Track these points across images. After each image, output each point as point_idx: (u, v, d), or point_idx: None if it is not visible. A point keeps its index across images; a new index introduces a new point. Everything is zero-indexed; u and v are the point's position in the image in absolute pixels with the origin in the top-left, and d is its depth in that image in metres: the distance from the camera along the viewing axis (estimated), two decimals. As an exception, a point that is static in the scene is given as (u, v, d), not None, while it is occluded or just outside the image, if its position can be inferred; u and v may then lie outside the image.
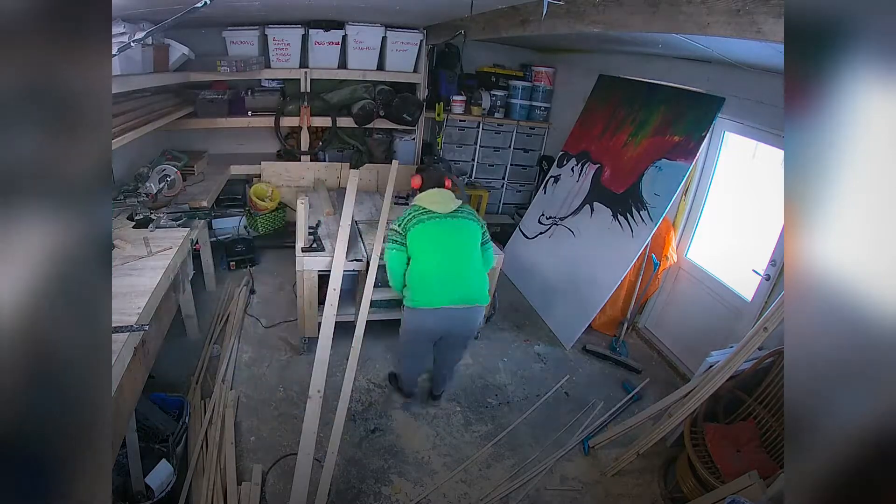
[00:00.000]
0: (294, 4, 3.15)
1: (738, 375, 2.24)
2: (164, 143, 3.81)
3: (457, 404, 2.83)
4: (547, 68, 4.64)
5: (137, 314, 1.79)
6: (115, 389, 1.54)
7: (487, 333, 3.50)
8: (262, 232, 4.04)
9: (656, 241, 3.27)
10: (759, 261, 2.75)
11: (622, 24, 1.92)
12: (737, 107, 2.87)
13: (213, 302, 3.51)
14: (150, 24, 2.64)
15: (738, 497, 1.73)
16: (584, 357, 3.37)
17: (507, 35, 2.86)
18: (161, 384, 2.48)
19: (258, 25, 3.74)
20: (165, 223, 2.62)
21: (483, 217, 4.70)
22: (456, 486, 2.33)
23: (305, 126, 4.14)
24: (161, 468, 1.99)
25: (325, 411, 2.40)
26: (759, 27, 1.38)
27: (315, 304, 2.93)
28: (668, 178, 3.15)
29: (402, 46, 4.02)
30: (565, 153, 4.21)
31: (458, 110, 4.56)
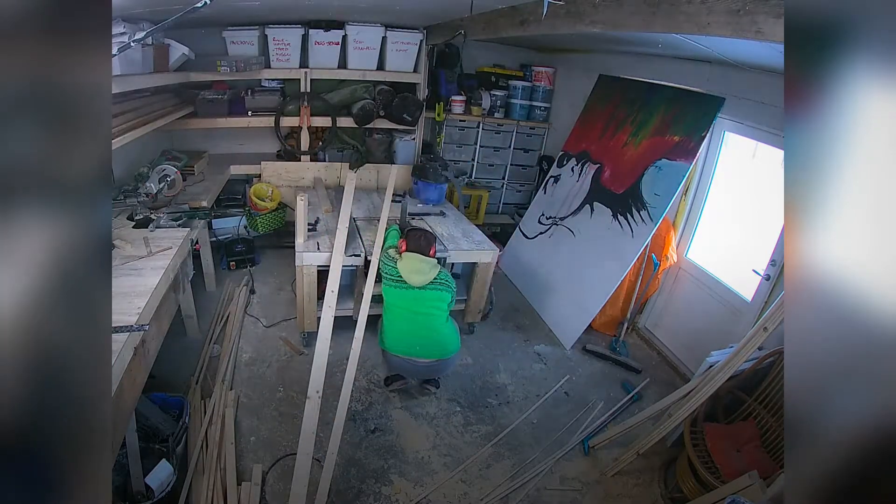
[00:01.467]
0: (294, 4, 3.15)
1: (738, 375, 2.24)
2: (164, 143, 3.81)
3: (457, 404, 2.83)
4: (547, 68, 4.63)
5: (137, 314, 1.79)
6: (115, 389, 1.54)
7: (487, 333, 3.50)
8: (262, 232, 4.04)
9: (656, 241, 3.27)
10: (759, 261, 2.75)
11: (622, 24, 1.91)
12: (737, 107, 2.87)
13: (213, 302, 3.51)
14: (150, 24, 2.63)
15: (738, 497, 1.73)
16: (584, 357, 3.37)
17: (506, 35, 2.86)
18: (161, 384, 2.48)
19: (258, 25, 3.74)
20: (165, 223, 2.62)
21: (483, 217, 4.77)
22: (456, 486, 2.33)
23: (305, 126, 4.14)
24: (161, 468, 1.99)
25: (325, 411, 2.41)
26: (759, 27, 1.38)
27: (314, 298, 2.95)
28: (668, 178, 3.15)
29: (402, 46, 4.02)
30: (565, 153, 4.21)
31: (458, 110, 4.56)
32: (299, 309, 2.99)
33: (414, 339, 2.54)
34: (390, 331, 2.58)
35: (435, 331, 2.56)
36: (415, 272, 2.51)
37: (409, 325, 2.55)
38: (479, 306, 3.33)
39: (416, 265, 2.53)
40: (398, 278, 2.53)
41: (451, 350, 2.60)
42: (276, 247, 4.30)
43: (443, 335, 2.58)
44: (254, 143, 4.45)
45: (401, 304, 2.55)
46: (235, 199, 4.29)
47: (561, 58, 4.65)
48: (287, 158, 4.30)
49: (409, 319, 2.55)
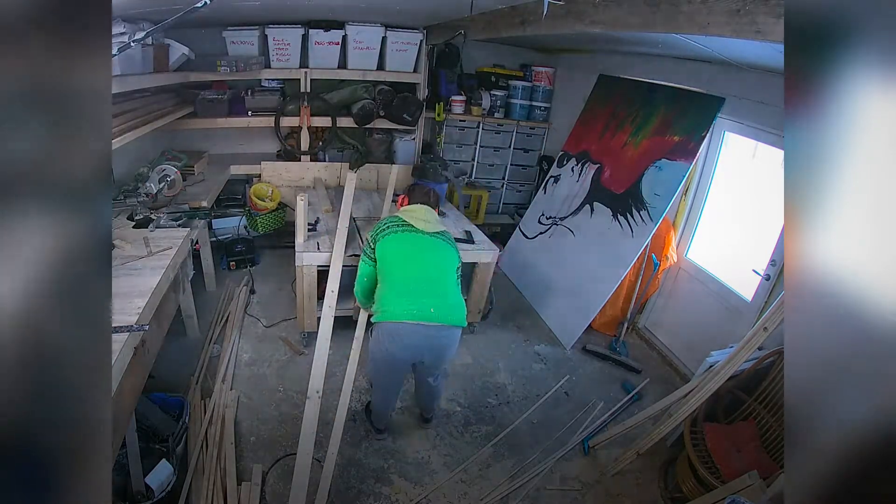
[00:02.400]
0: (294, 4, 3.15)
1: (738, 375, 2.24)
2: (164, 143, 3.81)
3: (457, 404, 2.83)
4: (547, 68, 4.63)
5: (137, 314, 1.79)
6: (115, 389, 1.54)
7: (487, 333, 3.50)
8: (262, 232, 4.05)
9: (656, 241, 3.27)
10: (759, 261, 2.75)
11: (622, 24, 1.92)
12: (737, 107, 2.87)
13: (213, 302, 3.51)
14: (150, 24, 2.63)
15: (738, 497, 1.73)
16: (584, 357, 3.37)
17: (506, 35, 2.86)
18: (161, 384, 2.48)
19: (258, 25, 3.74)
20: (165, 223, 2.62)
21: (483, 217, 4.77)
22: (456, 486, 2.32)
23: (305, 126, 4.14)
24: (161, 468, 1.99)
25: (325, 411, 2.40)
26: (759, 27, 1.38)
27: (314, 298, 2.95)
28: (668, 178, 3.15)
29: (402, 46, 4.02)
30: (565, 153, 4.21)
31: (458, 110, 4.56)
32: (299, 309, 2.99)
33: (423, 295, 2.09)
34: (389, 294, 2.14)
35: (446, 286, 2.17)
36: (421, 219, 2.21)
37: (416, 278, 2.13)
38: (479, 306, 3.33)
39: (422, 213, 2.24)
40: (400, 222, 2.20)
41: (460, 318, 2.16)
42: (276, 247, 4.30)
43: (454, 296, 2.19)
44: (254, 143, 4.45)
45: (408, 250, 2.16)
46: (235, 199, 4.30)
47: (561, 58, 4.65)
48: (287, 158, 4.30)
49: (416, 269, 2.14)
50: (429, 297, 2.11)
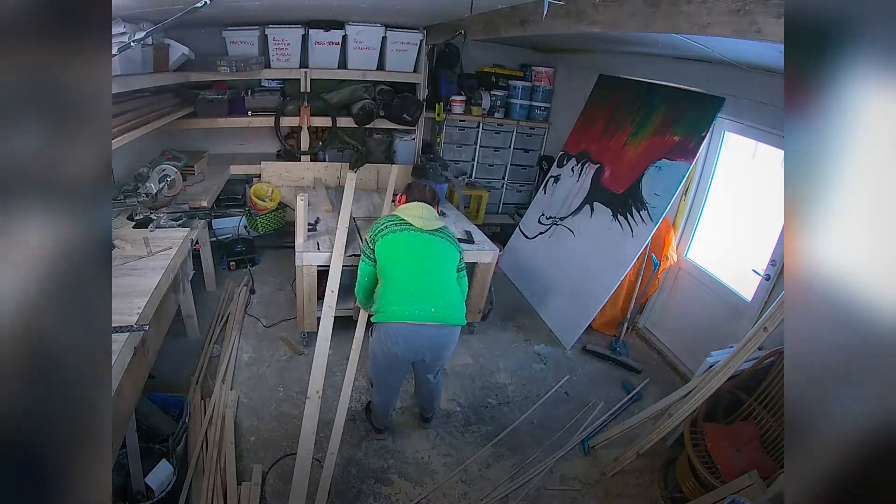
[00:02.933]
0: (294, 4, 3.14)
1: (738, 375, 2.24)
2: (164, 143, 3.81)
3: (457, 404, 2.83)
4: (547, 68, 4.63)
5: (137, 314, 1.79)
6: (115, 389, 1.54)
7: (487, 333, 3.50)
8: (262, 232, 4.04)
9: (656, 241, 3.27)
10: (759, 261, 2.75)
11: (622, 24, 1.91)
12: (737, 107, 2.87)
13: (213, 302, 3.51)
14: (150, 24, 2.63)
15: (738, 497, 1.73)
16: (584, 357, 3.37)
17: (506, 35, 2.85)
18: (161, 384, 2.48)
19: (258, 25, 3.74)
20: (165, 223, 2.62)
21: (483, 217, 4.77)
22: (456, 486, 2.32)
23: (305, 126, 4.14)
24: (161, 468, 1.99)
25: (325, 411, 2.40)
26: (759, 27, 1.38)
27: (314, 298, 2.95)
28: (668, 178, 3.15)
29: (402, 46, 4.02)
30: (565, 153, 4.21)
31: (458, 110, 4.56)
32: (299, 309, 2.99)
33: (423, 294, 2.11)
34: (389, 295, 2.14)
35: (445, 285, 2.18)
36: (419, 217, 2.21)
37: (415, 278, 2.13)
38: (479, 306, 3.33)
39: (419, 211, 2.24)
40: (398, 221, 2.21)
41: (460, 316, 2.17)
42: (276, 247, 4.30)
43: (454, 292, 2.20)
44: (254, 143, 4.46)
45: (406, 249, 2.17)
46: (235, 199, 4.30)
47: (561, 58, 4.65)
48: (287, 158, 4.30)
49: (415, 269, 2.15)
50: (429, 297, 2.12)
